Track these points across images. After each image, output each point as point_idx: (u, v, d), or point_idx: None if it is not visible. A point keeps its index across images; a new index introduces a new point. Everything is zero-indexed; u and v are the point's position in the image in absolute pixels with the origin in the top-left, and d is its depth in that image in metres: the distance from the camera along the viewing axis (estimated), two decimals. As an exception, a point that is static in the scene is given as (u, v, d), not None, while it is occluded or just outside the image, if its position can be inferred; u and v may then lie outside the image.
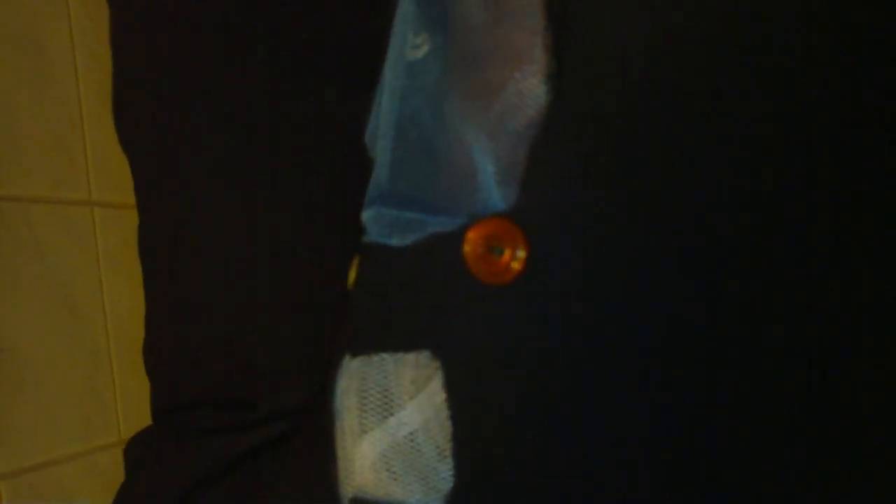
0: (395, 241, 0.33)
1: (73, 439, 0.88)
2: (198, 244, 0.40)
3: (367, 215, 0.35)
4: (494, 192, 0.31)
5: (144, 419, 0.96)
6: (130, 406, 0.96)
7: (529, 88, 0.31)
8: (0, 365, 0.81)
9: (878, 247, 0.29)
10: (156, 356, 0.44)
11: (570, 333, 0.30)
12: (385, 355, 0.33)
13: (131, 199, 0.91)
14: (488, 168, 0.31)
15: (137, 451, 0.45)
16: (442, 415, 0.32)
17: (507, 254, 0.31)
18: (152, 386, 0.45)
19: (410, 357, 0.32)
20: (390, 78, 0.35)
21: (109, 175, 0.98)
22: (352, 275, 0.36)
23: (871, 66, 0.29)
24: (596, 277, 0.30)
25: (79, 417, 0.89)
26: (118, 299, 0.96)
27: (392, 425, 0.32)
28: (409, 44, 0.34)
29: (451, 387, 0.32)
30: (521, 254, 0.31)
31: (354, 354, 0.33)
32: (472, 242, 0.31)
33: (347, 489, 0.33)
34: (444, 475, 0.32)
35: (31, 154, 0.88)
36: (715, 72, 0.29)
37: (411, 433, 0.32)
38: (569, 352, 0.31)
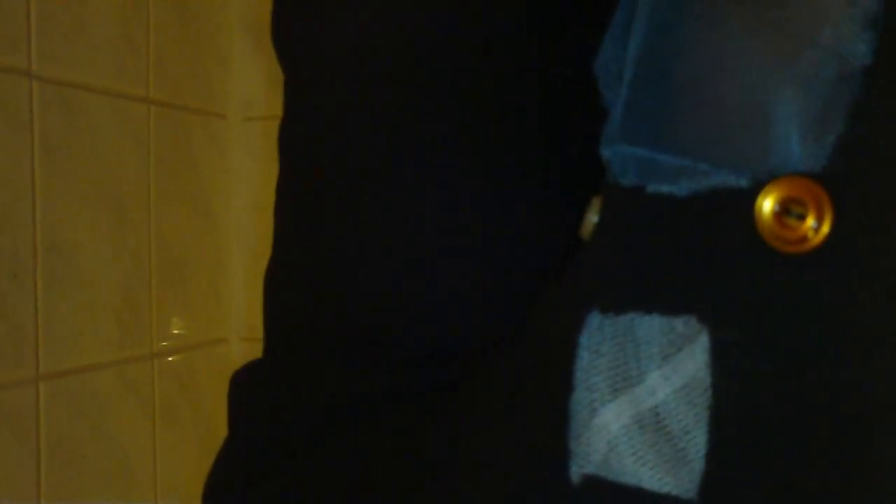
0: (663, 189, 0.29)
1: (109, 346, 0.84)
2: (381, 166, 0.35)
3: (610, 153, 0.31)
4: (797, 149, 0.27)
5: (176, 335, 0.92)
6: (164, 319, 0.92)
7: (848, 37, 0.27)
8: (51, 262, 0.77)
9: None
10: (285, 279, 0.40)
11: (878, 318, 0.26)
12: (636, 315, 0.29)
13: (191, 101, 0.86)
14: (791, 121, 0.27)
15: (253, 385, 0.41)
16: (697, 388, 0.28)
17: (809, 220, 0.27)
18: (275, 313, 0.41)
19: (667, 320, 0.28)
20: (647, 1, 0.30)
21: (170, 74, 0.92)
22: (589, 221, 0.31)
23: None
24: None
25: (115, 324, 0.85)
26: (164, 206, 0.92)
27: (637, 395, 0.28)
28: None
29: (717, 358, 0.28)
30: (827, 222, 0.27)
31: (602, 311, 0.29)
32: (768, 201, 0.27)
33: (582, 465, 0.29)
34: (693, 458, 0.28)
35: (96, 42, 0.82)
36: None
37: (656, 406, 0.28)
38: (868, 343, 0.27)
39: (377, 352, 0.36)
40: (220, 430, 0.39)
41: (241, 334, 1.04)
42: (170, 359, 0.93)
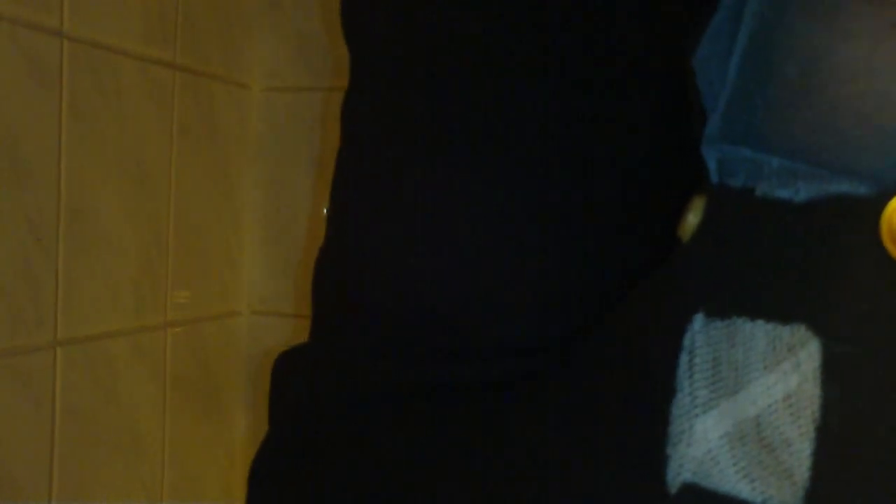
0: (778, 194, 0.28)
1: (125, 314, 0.83)
2: (449, 151, 0.34)
3: (713, 153, 0.30)
4: None
5: (190, 305, 0.91)
6: (179, 289, 0.91)
7: None
8: (74, 227, 0.75)
9: None
10: (347, 261, 0.38)
11: None
12: (742, 321, 0.28)
13: (216, 69, 0.85)
14: None
15: (299, 368, 0.40)
16: (803, 400, 0.27)
17: (937, 234, 0.26)
18: (326, 298, 0.40)
19: (774, 327, 0.27)
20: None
21: (196, 41, 0.91)
22: (690, 220, 0.31)
23: None
24: None
25: (132, 292, 0.84)
26: (185, 175, 0.90)
27: (739, 404, 0.28)
28: None
29: (829, 372, 0.27)
30: (957, 238, 0.26)
31: (707, 315, 0.28)
32: (895, 213, 0.26)
33: (679, 473, 0.28)
34: (796, 471, 0.27)
35: (127, 4, 0.81)
36: None
37: (758, 416, 0.27)
38: None
39: (438, 342, 0.35)
40: (230, 401, 0.38)
41: (254, 307, 1.03)
42: (183, 329, 0.92)
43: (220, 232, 0.97)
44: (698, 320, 0.29)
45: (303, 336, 0.40)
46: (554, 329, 0.35)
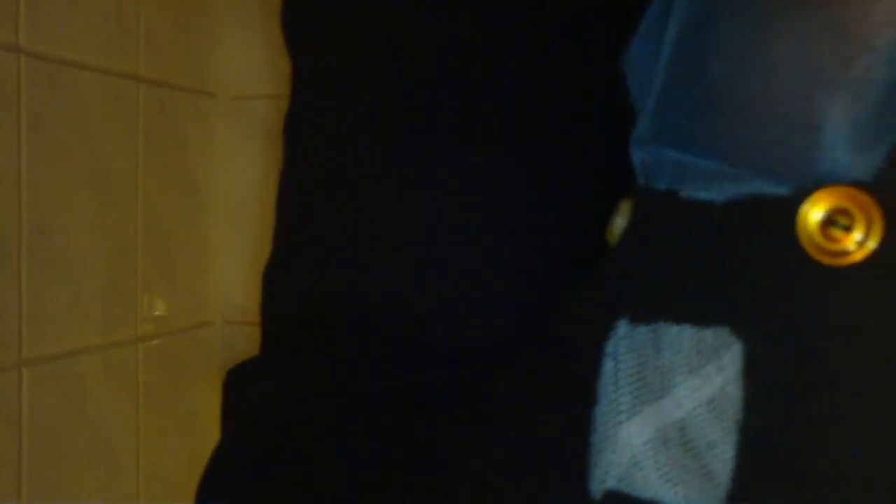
0: (699, 195, 0.28)
1: (93, 331, 0.82)
2: (395, 160, 0.34)
3: (641, 155, 0.29)
4: (845, 158, 0.26)
5: (161, 318, 0.90)
6: (149, 302, 0.90)
7: None
8: (36, 244, 0.75)
9: None
10: (294, 273, 0.38)
11: None
12: (666, 325, 0.28)
13: (181, 80, 0.84)
14: (841, 128, 0.26)
15: (253, 380, 0.39)
16: (726, 402, 0.27)
17: (855, 232, 0.26)
18: (276, 305, 0.39)
19: (698, 331, 0.27)
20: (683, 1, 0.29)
21: (160, 52, 0.90)
22: (617, 224, 0.30)
23: None
24: None
25: (100, 308, 0.83)
26: (152, 187, 0.90)
27: (663, 409, 0.27)
28: None
29: (750, 372, 0.27)
30: (875, 236, 0.26)
31: (631, 321, 0.28)
32: (813, 211, 0.26)
33: (603, 480, 0.28)
34: (719, 473, 0.27)
35: (85, 17, 0.80)
36: None
37: (682, 419, 0.27)
38: None
39: (386, 351, 0.35)
40: (204, 414, 0.38)
41: (227, 317, 1.02)
42: (154, 342, 0.91)
43: (189, 243, 0.97)
44: (622, 326, 0.28)
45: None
46: (497, 336, 0.34)
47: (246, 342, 1.00)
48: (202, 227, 0.98)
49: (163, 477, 0.91)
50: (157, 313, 0.91)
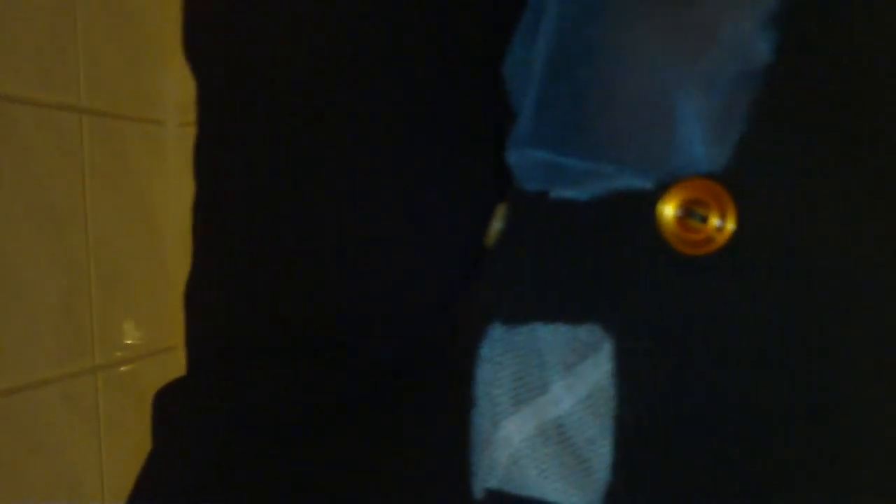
0: (566, 194, 0.28)
1: (48, 363, 0.82)
2: (293, 166, 0.34)
3: (515, 158, 0.30)
4: (699, 150, 0.27)
5: (121, 345, 0.90)
6: (107, 330, 0.90)
7: (751, 35, 0.26)
8: (-20, 278, 0.75)
9: None
10: (212, 292, 0.38)
11: (782, 320, 0.26)
12: (539, 325, 0.28)
13: (122, 108, 0.84)
14: (694, 122, 0.27)
15: (176, 402, 0.40)
16: (601, 398, 0.27)
17: (711, 221, 0.26)
18: (197, 324, 0.40)
19: (571, 329, 0.28)
20: (554, 3, 0.29)
21: (101, 82, 0.90)
22: (494, 228, 0.31)
23: None
24: (820, 259, 0.26)
25: (54, 339, 0.83)
26: (101, 216, 0.90)
27: (539, 407, 0.28)
28: None
29: (621, 368, 0.27)
30: (730, 223, 0.26)
31: (504, 322, 0.28)
32: (670, 203, 0.27)
33: (485, 480, 0.28)
34: (597, 469, 0.27)
35: (22, 51, 0.80)
36: None
37: (559, 417, 0.28)
38: (770, 339, 0.26)
39: (305, 365, 0.35)
40: None
41: (189, 342, 1.02)
42: (115, 370, 0.91)
43: (147, 269, 0.97)
44: (496, 329, 0.29)
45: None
46: (413, 345, 0.35)
47: (206, 365, 1.00)
48: (159, 252, 0.98)
49: None
50: (116, 341, 0.91)
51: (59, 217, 0.84)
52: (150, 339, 0.97)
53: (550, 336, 0.28)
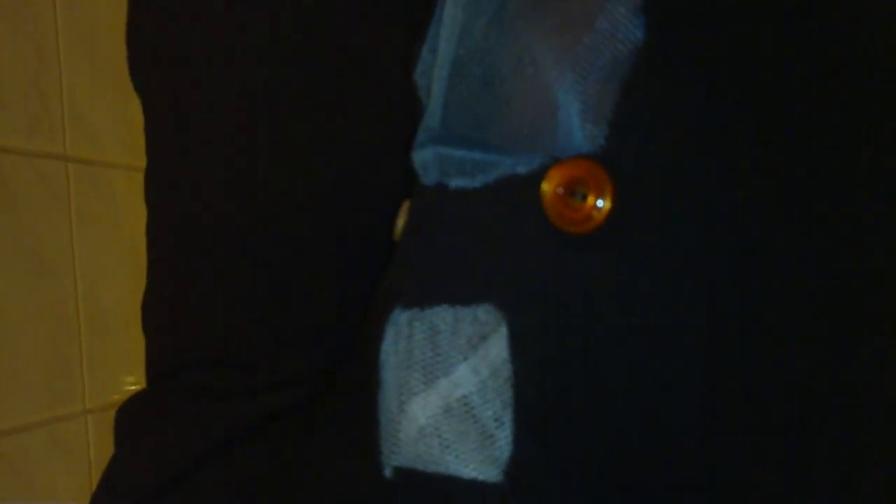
0: (461, 183, 0.29)
1: (38, 406, 0.83)
2: (214, 187, 0.35)
3: (419, 157, 0.31)
4: (578, 132, 0.28)
5: (111, 388, 0.92)
6: (97, 373, 0.91)
7: (622, 20, 0.28)
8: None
9: None
10: (159, 311, 0.40)
11: (656, 291, 0.27)
12: (440, 308, 0.29)
13: (107, 156, 0.86)
14: (573, 106, 0.28)
15: (134, 415, 0.41)
16: (502, 376, 0.28)
17: (590, 199, 0.27)
18: (152, 345, 0.41)
19: (469, 310, 0.28)
20: (450, 12, 0.31)
21: (86, 130, 0.92)
22: (400, 224, 0.32)
23: None
24: (688, 233, 0.27)
25: (43, 383, 0.84)
26: (89, 261, 0.91)
27: (444, 387, 0.29)
28: None
29: (515, 345, 0.28)
30: (607, 200, 0.27)
31: (405, 306, 0.29)
32: (551, 184, 0.28)
33: (392, 459, 0.29)
34: (501, 443, 0.28)
35: (7, 101, 0.82)
36: None
37: (465, 395, 0.28)
38: (652, 311, 0.27)
39: (241, 378, 0.36)
40: None
41: (181, 384, 1.03)
42: (108, 413, 0.92)
43: (133, 313, 0.98)
44: (398, 313, 0.30)
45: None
46: (344, 350, 0.35)
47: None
48: (149, 297, 1.00)
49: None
50: (105, 385, 0.92)
51: (48, 262, 0.86)
52: (141, 382, 0.98)
53: (451, 318, 0.29)
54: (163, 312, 0.40)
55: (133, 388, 0.94)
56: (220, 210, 0.36)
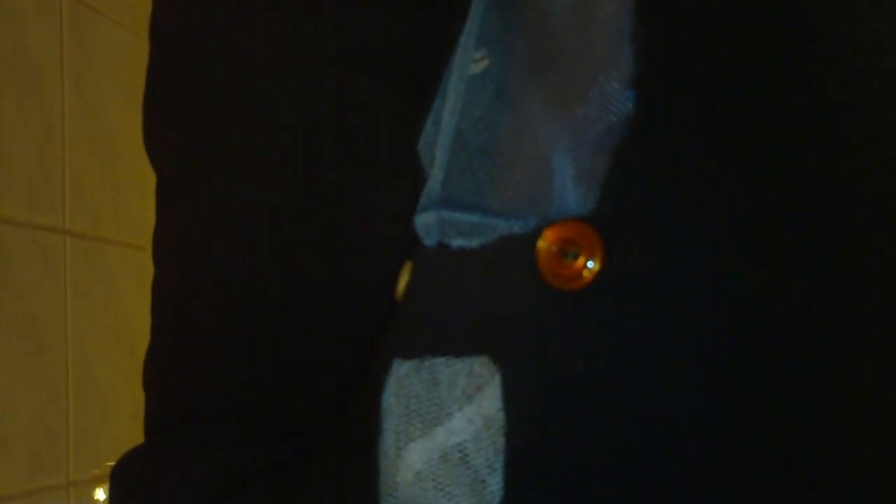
0: (459, 243, 0.31)
1: (21, 476, 0.83)
2: (217, 243, 0.37)
3: (422, 220, 0.33)
4: (571, 195, 0.30)
5: (96, 461, 0.91)
6: (82, 446, 0.91)
7: (614, 94, 0.30)
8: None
9: None
10: (159, 366, 0.41)
11: (645, 349, 0.29)
12: (438, 360, 0.31)
13: (105, 231, 0.88)
14: (567, 172, 0.30)
15: (132, 468, 0.42)
16: (495, 425, 0.30)
17: (581, 258, 0.29)
18: (151, 400, 0.42)
19: (466, 362, 0.30)
20: (453, 88, 0.34)
21: (86, 204, 0.95)
22: (402, 283, 0.34)
23: None
24: (676, 293, 0.29)
25: (29, 452, 0.84)
26: (82, 335, 0.92)
27: (441, 434, 0.30)
28: (470, 58, 0.33)
29: (508, 396, 0.30)
30: (597, 260, 0.29)
31: (406, 358, 0.31)
32: (545, 244, 0.30)
33: (389, 500, 0.30)
34: (492, 488, 0.29)
35: (10, 174, 0.85)
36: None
37: (461, 443, 0.30)
38: (640, 368, 0.29)
39: (240, 429, 0.38)
40: None
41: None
42: (91, 488, 0.92)
43: (122, 389, 0.99)
44: (399, 364, 0.31)
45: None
46: (344, 400, 0.37)
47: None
48: (137, 373, 1.00)
49: None
50: (90, 458, 0.92)
51: (41, 333, 0.87)
52: (126, 456, 0.98)
53: (448, 370, 0.31)
54: (162, 368, 0.41)
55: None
56: (220, 277, 0.38)
